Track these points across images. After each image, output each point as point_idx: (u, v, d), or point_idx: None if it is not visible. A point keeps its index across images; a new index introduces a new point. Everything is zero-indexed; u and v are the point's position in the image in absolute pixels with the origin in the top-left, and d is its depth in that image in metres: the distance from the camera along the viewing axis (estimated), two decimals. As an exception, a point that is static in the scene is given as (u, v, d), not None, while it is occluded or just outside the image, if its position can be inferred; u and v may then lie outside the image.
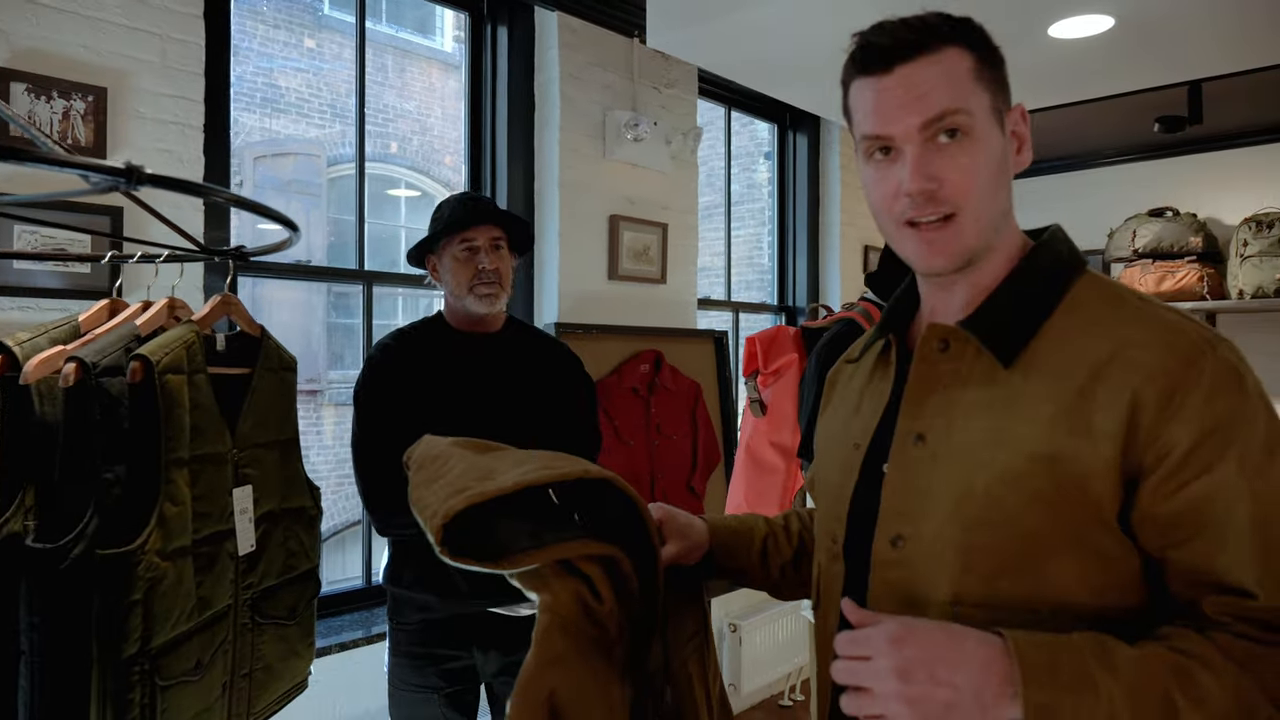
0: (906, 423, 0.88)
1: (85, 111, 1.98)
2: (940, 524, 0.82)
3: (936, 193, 0.82)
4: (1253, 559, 0.74)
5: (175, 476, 1.29)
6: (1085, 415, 0.77)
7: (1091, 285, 0.86)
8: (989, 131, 0.83)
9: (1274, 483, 0.76)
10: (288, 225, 1.26)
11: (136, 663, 1.21)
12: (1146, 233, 4.86)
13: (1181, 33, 2.62)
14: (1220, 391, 0.76)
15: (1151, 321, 0.80)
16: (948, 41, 0.83)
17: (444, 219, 1.90)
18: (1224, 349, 0.79)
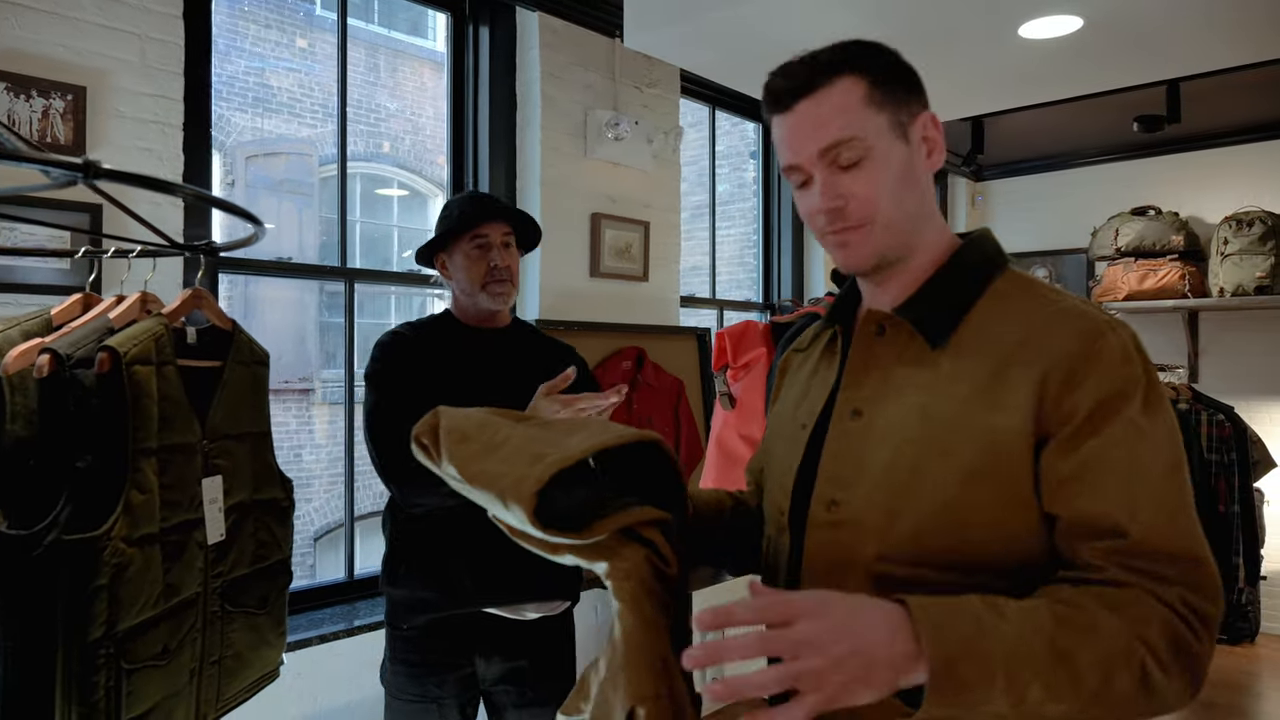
0: (845, 399, 0.97)
1: (65, 110, 2.02)
2: (870, 489, 0.90)
3: (844, 209, 0.92)
4: (1127, 501, 0.82)
5: (143, 465, 1.32)
6: (998, 393, 0.86)
7: (1011, 279, 0.96)
8: (889, 147, 0.92)
9: (1151, 437, 0.84)
10: (252, 221, 1.30)
11: (102, 646, 1.24)
12: (1129, 231, 4.90)
13: (1152, 33, 2.66)
14: (1114, 366, 0.85)
15: (1059, 310, 0.89)
16: (839, 73, 0.91)
17: (455, 216, 1.90)
18: (1122, 332, 0.87)
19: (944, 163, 0.99)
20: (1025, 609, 0.78)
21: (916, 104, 0.95)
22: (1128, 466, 0.83)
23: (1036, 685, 0.74)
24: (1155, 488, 0.83)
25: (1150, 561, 0.81)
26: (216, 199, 1.21)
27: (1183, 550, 0.82)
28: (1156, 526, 0.82)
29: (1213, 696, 3.81)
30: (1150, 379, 0.86)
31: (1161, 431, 0.85)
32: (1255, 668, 4.17)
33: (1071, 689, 0.75)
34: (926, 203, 0.96)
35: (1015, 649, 0.74)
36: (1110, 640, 0.76)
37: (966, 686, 0.72)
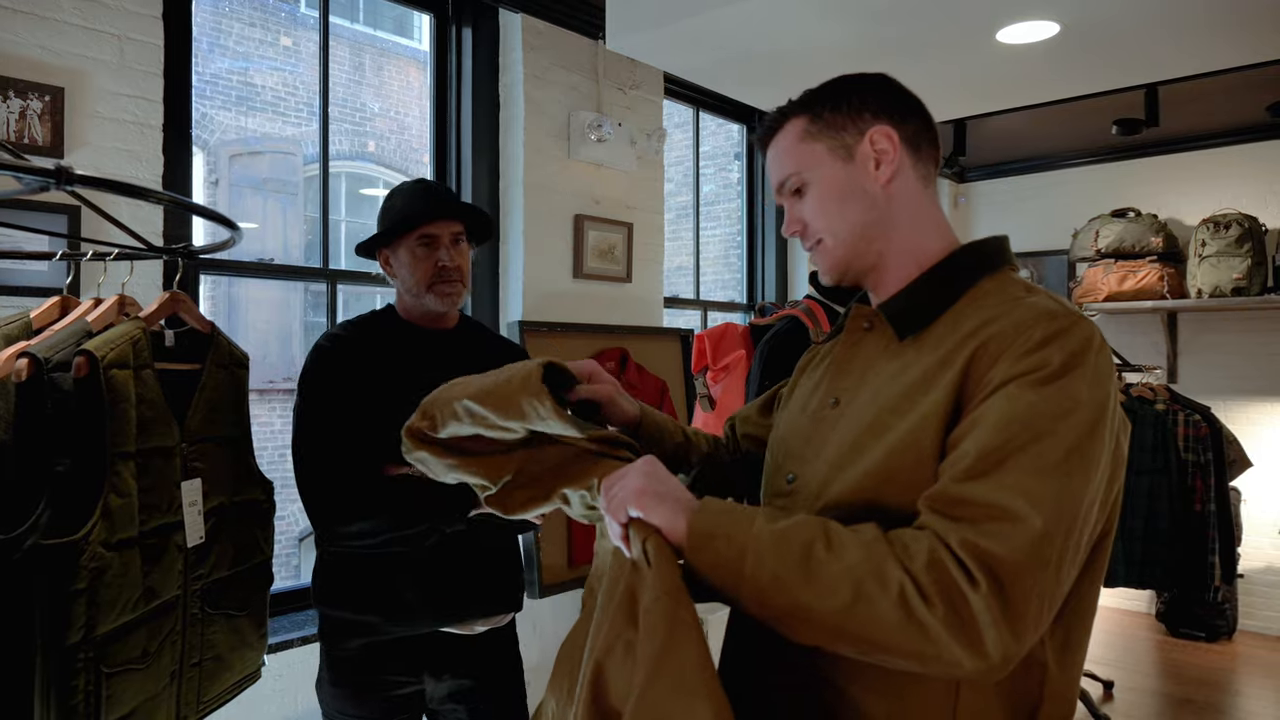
0: (829, 388, 1.04)
1: (42, 111, 2.01)
2: (818, 465, 0.98)
3: (802, 232, 1.06)
4: (962, 457, 0.83)
5: (121, 469, 1.33)
6: (938, 375, 0.90)
7: (999, 280, 0.98)
8: (829, 170, 1.02)
9: (1026, 407, 0.82)
10: (227, 225, 1.30)
11: (81, 650, 1.25)
12: (1109, 233, 4.95)
13: (1128, 38, 2.69)
14: (1033, 347, 0.85)
15: (1019, 304, 0.91)
16: (787, 119, 1.05)
17: (398, 210, 1.75)
18: (1066, 323, 0.87)
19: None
20: (799, 520, 0.85)
21: (867, 122, 1.01)
22: (982, 429, 0.83)
23: (788, 580, 0.81)
24: (992, 443, 0.82)
25: (949, 504, 0.81)
26: (189, 204, 1.21)
27: (986, 498, 0.80)
28: (972, 476, 0.81)
29: (1190, 693, 3.85)
30: (1069, 365, 0.84)
31: (1044, 406, 0.82)
32: (1232, 665, 4.23)
33: (822, 593, 0.80)
34: (889, 210, 1.01)
35: (774, 544, 0.83)
36: (866, 557, 0.80)
37: (719, 558, 0.85)
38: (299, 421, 1.69)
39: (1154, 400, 3.54)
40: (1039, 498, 0.79)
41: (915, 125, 1.02)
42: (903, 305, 0.99)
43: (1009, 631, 0.76)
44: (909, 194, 1.01)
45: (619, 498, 0.92)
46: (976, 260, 0.99)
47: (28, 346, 1.31)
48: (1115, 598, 4.96)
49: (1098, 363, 0.85)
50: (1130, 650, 4.40)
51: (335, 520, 1.64)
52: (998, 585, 0.76)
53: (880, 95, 1.02)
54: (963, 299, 0.96)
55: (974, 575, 0.77)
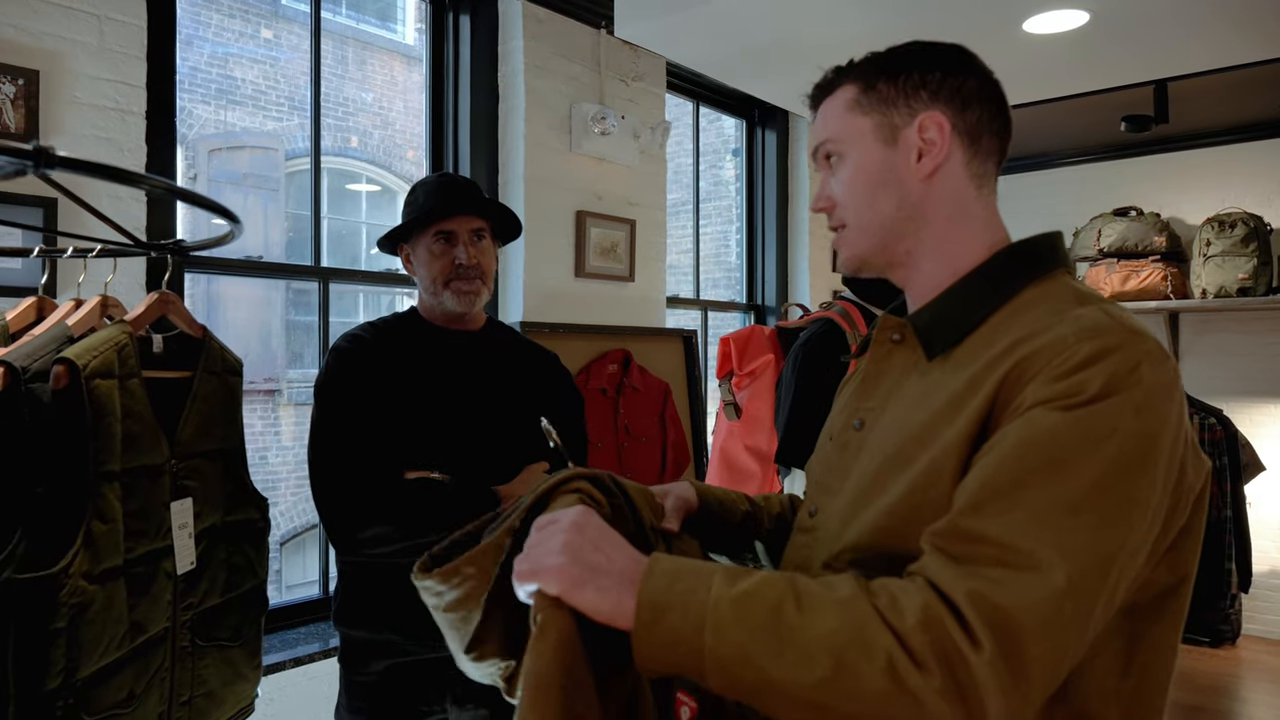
0: (854, 408, 0.95)
1: (15, 96, 1.85)
2: (841, 499, 0.88)
3: (829, 209, 0.96)
4: (972, 488, 0.72)
5: (105, 491, 1.19)
6: (965, 401, 0.79)
7: (1046, 287, 0.85)
8: (868, 150, 0.92)
9: (1049, 435, 0.71)
10: (227, 217, 1.16)
11: (60, 697, 1.11)
12: (1111, 232, 4.89)
13: (1154, 29, 2.61)
14: (1069, 368, 0.73)
15: (1063, 318, 0.78)
16: (838, 85, 0.96)
17: (418, 205, 1.69)
18: (1115, 340, 0.74)
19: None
20: (763, 578, 0.72)
21: (921, 103, 0.90)
22: (1003, 452, 0.72)
23: (756, 653, 0.68)
24: (1018, 472, 0.70)
25: (955, 541, 0.70)
26: (188, 192, 1.07)
27: (1001, 538, 0.68)
28: (989, 508, 0.70)
29: (1195, 700, 3.79)
30: (1111, 389, 0.72)
31: (1071, 432, 0.70)
32: (1237, 670, 4.18)
33: (798, 665, 0.67)
34: (925, 207, 0.90)
35: (736, 612, 0.69)
36: (845, 621, 0.68)
37: (674, 634, 0.70)
38: (316, 425, 1.60)
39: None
40: (1064, 542, 0.67)
41: (979, 115, 0.90)
42: (932, 318, 0.89)
43: (1017, 698, 0.65)
44: (953, 191, 0.90)
45: (527, 570, 0.74)
46: (1020, 264, 0.88)
47: (3, 354, 1.17)
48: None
49: (1151, 382, 0.72)
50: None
51: (350, 525, 1.54)
52: (1006, 647, 0.65)
53: (946, 73, 0.91)
54: (1002, 310, 0.84)
55: (977, 636, 0.65)
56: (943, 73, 0.91)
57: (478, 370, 1.71)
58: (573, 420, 1.80)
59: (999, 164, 0.94)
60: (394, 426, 1.57)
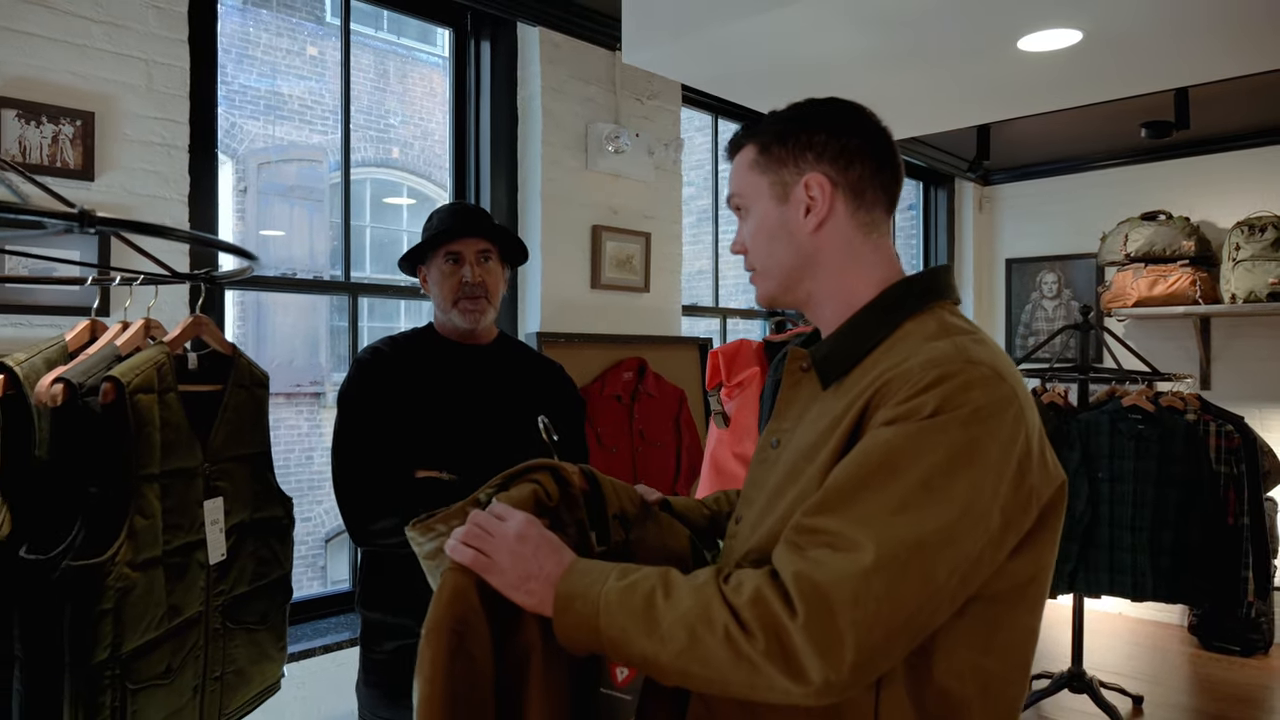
0: (771, 429, 1.07)
1: (74, 135, 2.06)
2: (754, 509, 1.02)
3: (744, 252, 1.10)
4: (821, 491, 0.87)
5: (145, 491, 1.37)
6: (840, 423, 0.92)
7: (922, 321, 0.98)
8: (766, 207, 1.05)
9: (889, 445, 0.84)
10: (244, 256, 1.33)
11: (108, 667, 1.28)
12: (1138, 236, 4.87)
13: (1153, 44, 2.66)
14: (910, 391, 0.87)
15: (921, 348, 0.92)
16: (743, 144, 1.08)
17: (431, 228, 1.87)
18: (952, 368, 0.87)
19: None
20: (645, 573, 0.90)
21: (807, 164, 1.02)
22: (847, 461, 0.86)
23: (633, 632, 0.86)
24: (846, 477, 0.85)
25: (798, 533, 0.85)
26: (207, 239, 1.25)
27: (828, 527, 0.83)
28: (826, 505, 0.85)
29: (1225, 710, 3.78)
30: (942, 409, 0.84)
31: (904, 444, 0.83)
32: (1269, 680, 4.14)
33: (662, 641, 0.85)
34: (816, 256, 1.03)
35: (620, 600, 0.88)
36: (696, 601, 0.85)
37: (579, 619, 0.89)
38: (338, 428, 1.79)
39: (1184, 410, 3.48)
40: (882, 531, 0.81)
41: (862, 170, 1.02)
42: (828, 352, 1.01)
43: (833, 657, 0.79)
44: (840, 240, 1.02)
45: (479, 561, 0.94)
46: (900, 301, 1.00)
47: (63, 371, 1.35)
48: (1146, 610, 4.88)
49: (981, 401, 0.85)
50: (1161, 664, 4.33)
51: (362, 517, 1.72)
52: (818, 613, 0.79)
53: (830, 134, 1.02)
54: (885, 343, 0.97)
55: (794, 605, 0.80)
56: (827, 134, 1.02)
57: (486, 380, 1.88)
58: (571, 423, 1.95)
59: (889, 209, 1.06)
60: (407, 431, 1.75)
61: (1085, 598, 3.68)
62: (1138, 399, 3.43)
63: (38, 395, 1.35)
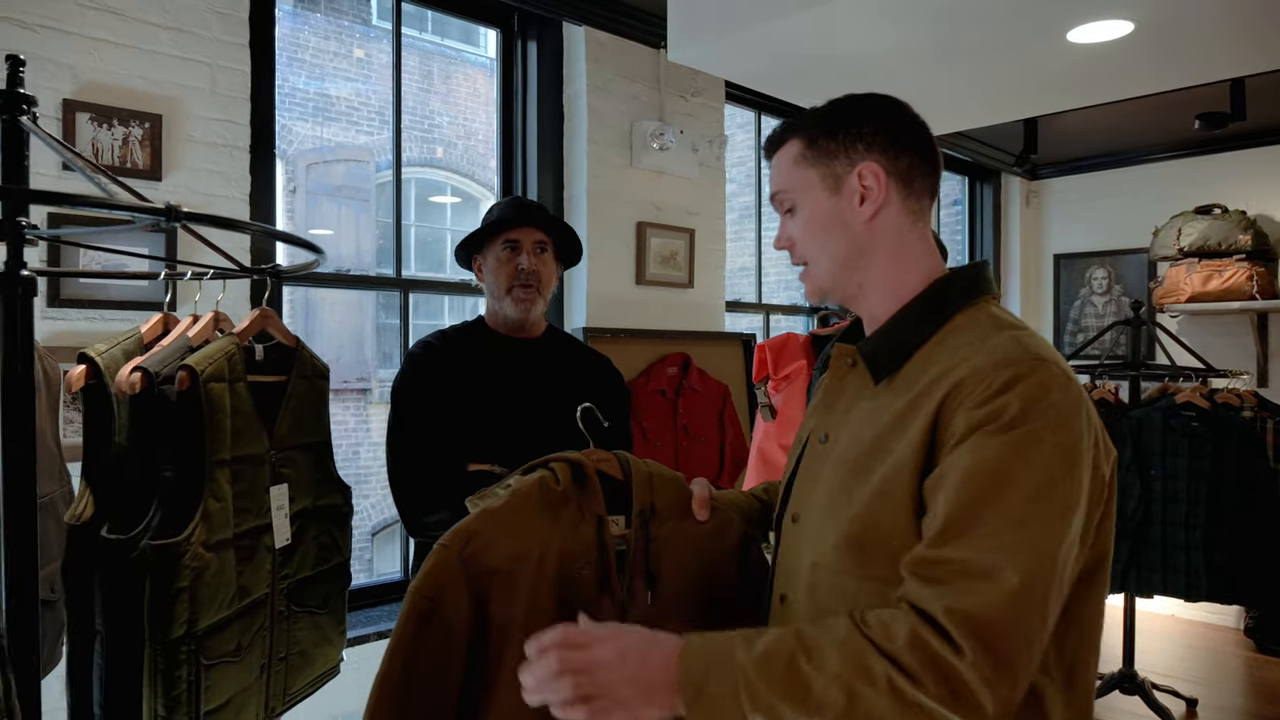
0: (818, 424, 1.09)
1: (143, 137, 2.15)
2: (817, 506, 1.03)
3: (790, 247, 1.10)
4: (938, 513, 0.86)
5: (218, 475, 1.43)
6: (907, 422, 0.93)
7: (971, 315, 1.00)
8: (817, 199, 1.06)
9: (996, 458, 0.85)
10: (312, 249, 1.39)
11: (184, 644, 1.35)
12: (1192, 230, 4.77)
13: (1207, 34, 2.61)
14: (990, 393, 0.88)
15: (983, 345, 0.93)
16: (786, 139, 1.09)
17: (492, 217, 1.91)
18: (1025, 367, 0.89)
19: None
20: (775, 637, 0.86)
21: (859, 155, 1.03)
22: (955, 483, 0.86)
23: (784, 705, 0.82)
24: (961, 500, 0.85)
25: (930, 566, 0.84)
26: (281, 233, 1.30)
27: (962, 557, 0.82)
28: (946, 536, 0.84)
29: (1274, 711, 3.70)
30: (1027, 412, 0.86)
31: (1007, 456, 0.84)
32: (1323, 680, 4.04)
33: (820, 708, 0.81)
34: (870, 245, 1.04)
35: (759, 673, 0.83)
36: (846, 657, 0.81)
37: (717, 704, 0.83)
38: (392, 422, 1.84)
39: (1240, 407, 3.41)
40: (1013, 549, 0.82)
41: (910, 160, 1.04)
42: (876, 347, 1.02)
43: (1003, 685, 0.79)
44: (893, 229, 1.04)
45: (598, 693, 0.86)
46: (948, 295, 1.01)
47: (141, 361, 1.42)
48: (1200, 611, 4.78)
49: (1060, 403, 0.87)
50: (1216, 667, 4.25)
51: (417, 510, 1.77)
52: (983, 646, 0.79)
53: (878, 127, 1.04)
54: (934, 337, 0.98)
55: (958, 643, 0.79)
56: (875, 126, 1.04)
57: (535, 373, 1.91)
58: (618, 414, 1.99)
59: (931, 200, 1.08)
60: (459, 424, 1.80)
61: (1137, 598, 3.62)
62: (1191, 396, 3.37)
63: (118, 384, 1.42)
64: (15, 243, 1.13)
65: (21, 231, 1.14)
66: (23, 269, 1.13)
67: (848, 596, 0.94)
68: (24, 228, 1.14)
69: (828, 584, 0.98)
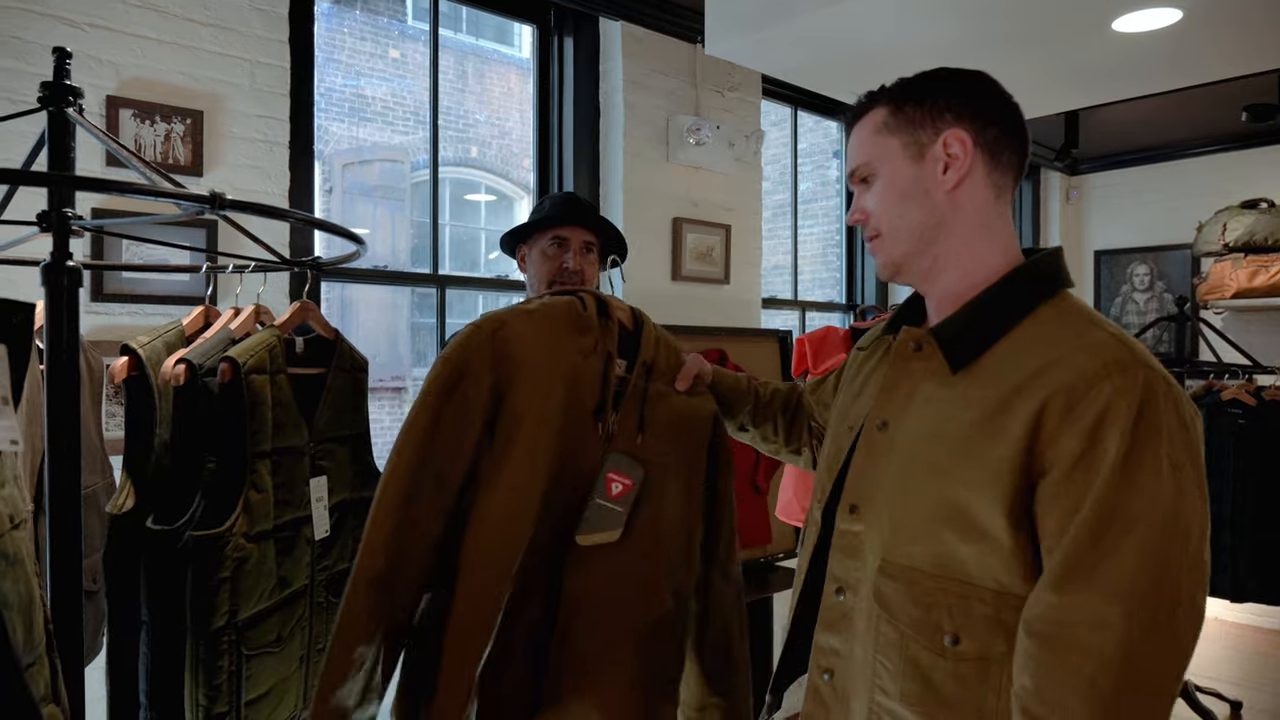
0: (876, 410, 1.04)
1: (184, 133, 2.17)
2: (883, 498, 0.99)
3: (864, 221, 1.07)
4: (1064, 560, 0.84)
5: (259, 467, 1.43)
6: (1001, 422, 0.89)
7: (1057, 307, 0.96)
8: (898, 167, 1.02)
9: (1119, 493, 0.82)
10: (353, 239, 1.39)
11: (225, 634, 1.36)
12: (1237, 225, 4.66)
13: (1259, 21, 2.54)
14: (1111, 409, 0.84)
15: (1082, 343, 0.89)
16: (873, 105, 1.05)
17: (543, 211, 1.91)
18: (1139, 374, 0.85)
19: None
20: None
21: (946, 123, 0.99)
22: (1088, 524, 0.83)
23: None
24: (1093, 545, 0.82)
25: (1049, 625, 0.83)
26: (324, 223, 1.31)
27: (1085, 610, 0.81)
28: (1068, 581, 0.83)
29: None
30: (1147, 429, 0.83)
31: (1128, 489, 0.82)
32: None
33: None
34: (951, 217, 1.00)
35: None
36: None
37: None
38: None
39: (1287, 404, 3.32)
40: (1132, 593, 0.80)
41: (998, 132, 1.00)
42: (955, 333, 0.97)
43: None
44: (976, 203, 0.99)
45: None
46: (1032, 282, 0.97)
47: (184, 353, 1.44)
48: (1244, 613, 4.67)
49: (1175, 412, 0.85)
50: (1261, 669, 4.14)
51: None
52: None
53: (967, 96, 1.00)
54: (1019, 327, 0.94)
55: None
56: (964, 95, 1.00)
57: None
58: None
59: (1016, 179, 1.03)
60: None
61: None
62: (1238, 393, 3.29)
63: (162, 375, 1.43)
64: (61, 233, 1.15)
65: (67, 222, 1.15)
66: (68, 260, 1.15)
67: (920, 600, 0.93)
68: (69, 218, 1.15)
69: (896, 583, 0.96)
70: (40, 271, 1.13)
